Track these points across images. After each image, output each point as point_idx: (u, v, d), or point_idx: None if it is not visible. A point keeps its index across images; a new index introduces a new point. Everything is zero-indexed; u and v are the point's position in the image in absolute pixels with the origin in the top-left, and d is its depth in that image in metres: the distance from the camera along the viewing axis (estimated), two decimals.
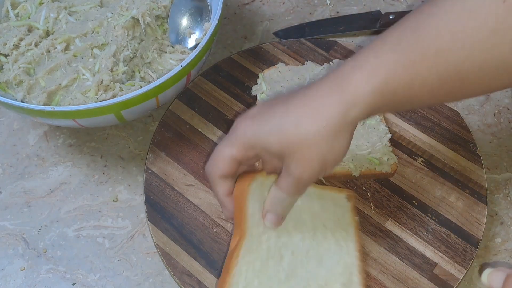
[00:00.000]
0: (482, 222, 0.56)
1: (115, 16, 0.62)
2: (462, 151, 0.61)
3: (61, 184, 0.62)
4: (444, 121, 0.64)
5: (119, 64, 0.59)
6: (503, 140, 0.65)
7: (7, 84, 0.60)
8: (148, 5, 0.61)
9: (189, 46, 0.64)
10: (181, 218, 0.57)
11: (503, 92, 0.69)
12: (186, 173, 0.60)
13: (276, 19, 0.76)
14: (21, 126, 0.67)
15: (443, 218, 0.57)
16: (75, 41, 0.61)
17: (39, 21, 0.62)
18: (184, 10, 0.65)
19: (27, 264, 0.57)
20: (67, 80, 0.58)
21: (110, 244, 0.58)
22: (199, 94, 0.66)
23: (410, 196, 0.58)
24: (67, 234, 0.59)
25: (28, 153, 0.65)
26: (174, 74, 0.55)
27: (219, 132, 0.63)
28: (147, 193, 0.59)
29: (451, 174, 0.60)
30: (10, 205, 0.61)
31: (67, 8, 0.63)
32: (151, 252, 0.58)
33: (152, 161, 0.61)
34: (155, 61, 0.63)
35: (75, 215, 0.60)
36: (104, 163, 0.64)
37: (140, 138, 0.66)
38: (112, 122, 0.58)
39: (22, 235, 0.59)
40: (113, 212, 0.60)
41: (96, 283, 0.56)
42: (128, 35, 0.60)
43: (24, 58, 0.60)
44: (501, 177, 0.62)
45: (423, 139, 0.62)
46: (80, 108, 0.53)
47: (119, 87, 0.57)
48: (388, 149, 0.59)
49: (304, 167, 0.42)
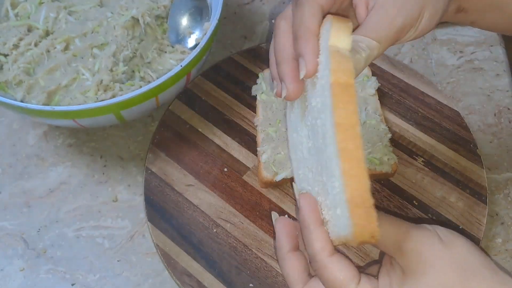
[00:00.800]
0: (483, 222, 0.56)
1: (115, 16, 0.61)
2: (462, 151, 0.61)
3: (60, 184, 0.62)
4: (444, 121, 0.63)
5: (119, 64, 0.59)
6: (503, 140, 0.65)
7: (7, 84, 0.59)
8: (148, 5, 0.61)
9: (189, 46, 0.64)
10: (180, 218, 0.57)
11: (504, 92, 0.69)
12: (186, 173, 0.60)
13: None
14: (21, 126, 0.67)
15: (443, 218, 0.57)
16: (75, 41, 0.61)
17: (39, 21, 0.62)
18: (184, 10, 0.65)
19: (26, 264, 0.57)
20: (66, 80, 0.58)
21: (109, 245, 0.58)
22: (199, 94, 0.66)
23: (410, 196, 0.58)
24: (66, 234, 0.59)
25: (27, 153, 0.65)
26: (174, 74, 0.55)
27: (219, 132, 0.63)
28: (147, 193, 0.59)
29: (452, 174, 0.60)
30: (10, 205, 0.61)
31: (67, 7, 0.63)
32: (150, 253, 0.57)
33: (152, 161, 0.61)
34: (155, 61, 0.62)
35: (75, 215, 0.60)
36: (103, 163, 0.64)
37: (140, 138, 0.66)
38: (112, 122, 0.58)
39: (21, 235, 0.59)
40: (112, 212, 0.60)
41: (96, 284, 0.56)
42: (128, 35, 0.60)
43: (24, 58, 0.60)
44: (502, 177, 0.62)
45: (423, 139, 0.62)
46: (80, 108, 0.53)
47: (118, 87, 0.57)
48: (388, 149, 0.59)
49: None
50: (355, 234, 0.37)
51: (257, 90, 0.64)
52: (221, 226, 0.57)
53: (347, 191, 0.36)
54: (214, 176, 0.60)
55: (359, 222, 0.37)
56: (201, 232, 0.56)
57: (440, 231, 0.40)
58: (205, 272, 0.54)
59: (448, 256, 0.39)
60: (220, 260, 0.54)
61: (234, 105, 0.65)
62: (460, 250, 0.39)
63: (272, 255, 0.55)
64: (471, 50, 0.73)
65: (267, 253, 0.55)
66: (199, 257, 0.55)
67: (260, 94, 0.63)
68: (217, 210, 0.58)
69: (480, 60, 0.72)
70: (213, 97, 0.66)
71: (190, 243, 0.55)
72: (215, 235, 0.56)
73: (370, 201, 0.36)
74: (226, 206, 0.58)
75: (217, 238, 0.56)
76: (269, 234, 0.56)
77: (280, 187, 0.59)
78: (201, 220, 0.57)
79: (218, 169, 0.60)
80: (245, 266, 0.54)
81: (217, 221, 0.57)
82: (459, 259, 0.39)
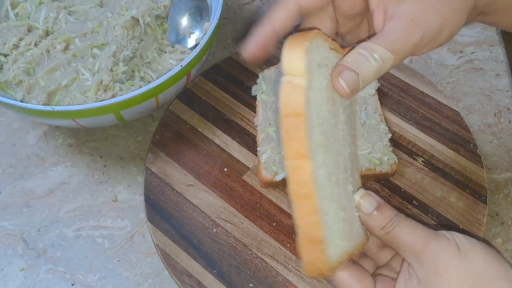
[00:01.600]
0: (483, 222, 0.56)
1: (115, 16, 0.61)
2: (462, 151, 0.61)
3: (60, 184, 0.62)
4: (444, 121, 0.63)
5: (119, 64, 0.59)
6: (503, 140, 0.65)
7: (7, 84, 0.59)
8: (148, 5, 0.61)
9: (189, 46, 0.64)
10: (180, 218, 0.57)
11: (503, 92, 0.69)
12: (186, 173, 0.60)
13: None
14: (21, 126, 0.67)
15: (443, 218, 0.57)
16: (75, 41, 0.61)
17: (39, 21, 0.62)
18: (184, 10, 0.65)
19: (26, 264, 0.57)
20: (66, 80, 0.58)
21: (109, 244, 0.58)
22: (199, 94, 0.66)
23: (410, 196, 0.58)
24: (66, 234, 0.59)
25: (27, 153, 0.65)
26: (174, 74, 0.55)
27: (219, 132, 0.63)
28: (147, 193, 0.59)
29: (452, 174, 0.60)
30: (10, 205, 0.61)
31: (67, 8, 0.63)
32: (150, 253, 0.57)
33: (151, 161, 0.61)
34: (155, 61, 0.62)
35: (75, 215, 0.60)
36: (103, 163, 0.64)
37: (140, 138, 0.66)
38: (112, 122, 0.58)
39: (21, 235, 0.59)
40: (112, 212, 0.60)
41: (96, 284, 0.56)
42: (128, 35, 0.60)
43: (24, 58, 0.60)
44: (502, 177, 0.62)
45: (423, 139, 0.62)
46: (80, 108, 0.53)
47: (118, 87, 0.57)
48: (388, 149, 0.58)
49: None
50: (305, 269, 0.37)
51: (257, 90, 0.64)
52: (221, 226, 0.57)
53: (299, 225, 0.36)
54: (214, 176, 0.60)
55: (308, 259, 0.37)
56: (201, 232, 0.56)
57: (458, 240, 0.40)
58: (205, 272, 0.54)
59: (464, 268, 0.39)
60: (220, 260, 0.54)
61: (234, 105, 0.65)
62: (477, 259, 0.39)
63: (272, 255, 0.55)
64: (471, 50, 0.73)
65: (267, 253, 0.55)
66: (199, 257, 0.55)
67: (260, 94, 0.63)
68: (217, 210, 0.58)
69: (480, 60, 0.72)
70: (213, 97, 0.66)
71: (190, 243, 0.55)
72: (215, 235, 0.56)
73: (319, 238, 0.36)
74: (226, 206, 0.58)
75: (217, 238, 0.56)
76: (269, 234, 0.56)
77: (280, 187, 0.59)
78: (201, 220, 0.57)
79: (218, 169, 0.60)
80: (245, 266, 0.54)
81: (217, 221, 0.57)
82: (475, 270, 0.39)
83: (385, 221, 0.40)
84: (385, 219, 0.40)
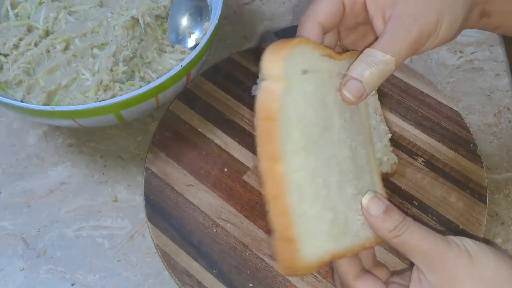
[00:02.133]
0: (483, 222, 0.56)
1: (114, 16, 0.61)
2: (462, 151, 0.61)
3: (60, 184, 0.62)
4: (444, 121, 0.63)
5: (119, 64, 0.59)
6: (503, 140, 0.65)
7: (7, 84, 0.59)
8: (148, 5, 0.61)
9: (189, 46, 0.64)
10: (180, 218, 0.57)
11: (504, 92, 0.69)
12: (186, 173, 0.60)
13: (276, 19, 0.76)
14: (21, 126, 0.67)
15: (443, 218, 0.57)
16: (75, 41, 0.61)
17: (39, 21, 0.62)
18: (184, 10, 0.65)
19: (26, 264, 0.57)
20: (66, 80, 0.58)
21: (109, 244, 0.58)
22: (199, 94, 0.66)
23: (410, 196, 0.58)
24: (66, 234, 0.59)
25: (27, 153, 0.65)
26: (174, 74, 0.55)
27: (219, 132, 0.63)
28: (147, 193, 0.59)
29: (452, 174, 0.60)
30: (10, 205, 0.61)
31: (67, 7, 0.63)
32: (150, 253, 0.57)
33: (151, 161, 0.61)
34: (155, 61, 0.62)
35: (75, 215, 0.60)
36: (103, 163, 0.64)
37: (140, 138, 0.66)
38: (112, 122, 0.58)
39: (21, 235, 0.59)
40: (112, 212, 0.60)
41: (96, 284, 0.56)
42: (128, 35, 0.60)
43: (24, 58, 0.60)
44: (502, 177, 0.62)
45: (423, 139, 0.62)
46: (80, 108, 0.53)
47: (118, 87, 0.57)
48: (388, 149, 0.59)
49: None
50: (280, 266, 0.38)
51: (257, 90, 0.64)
52: (221, 226, 0.57)
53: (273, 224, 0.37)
54: (214, 176, 0.60)
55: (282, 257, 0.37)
56: (201, 232, 0.56)
57: (469, 246, 0.40)
58: (205, 272, 0.54)
59: (478, 275, 0.39)
60: (220, 260, 0.54)
61: (234, 105, 0.65)
62: (488, 265, 0.39)
63: (272, 255, 0.55)
64: (471, 50, 0.73)
65: (267, 253, 0.55)
66: (199, 257, 0.55)
67: None
68: (217, 210, 0.58)
69: (480, 60, 0.72)
70: (213, 97, 0.66)
71: (190, 243, 0.55)
72: (215, 235, 0.56)
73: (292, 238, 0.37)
74: (226, 206, 0.58)
75: (217, 238, 0.56)
76: (269, 234, 0.56)
77: None
78: (201, 220, 0.57)
79: (218, 169, 0.60)
80: (245, 266, 0.54)
81: (217, 221, 0.57)
82: (488, 276, 0.39)
83: (394, 224, 0.40)
84: (394, 222, 0.40)
